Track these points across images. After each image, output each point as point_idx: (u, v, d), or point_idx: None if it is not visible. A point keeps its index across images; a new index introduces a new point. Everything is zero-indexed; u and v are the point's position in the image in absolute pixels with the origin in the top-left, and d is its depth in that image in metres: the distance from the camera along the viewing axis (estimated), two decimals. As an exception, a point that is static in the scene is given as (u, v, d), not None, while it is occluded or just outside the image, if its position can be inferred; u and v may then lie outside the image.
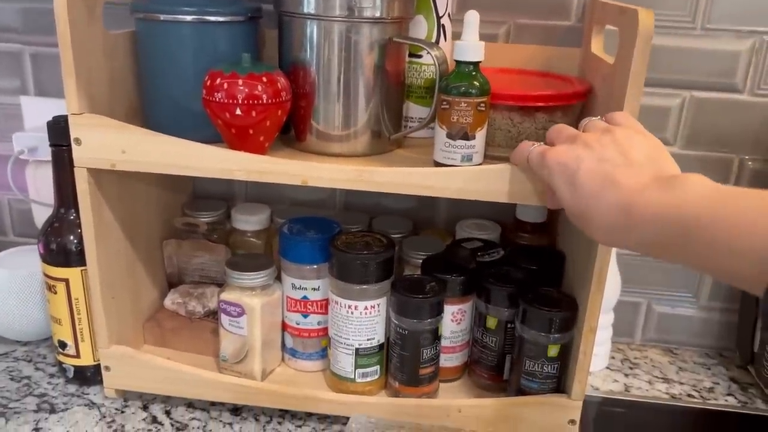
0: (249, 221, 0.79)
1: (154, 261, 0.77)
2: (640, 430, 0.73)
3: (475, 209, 0.83)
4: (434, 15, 0.68)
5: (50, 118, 0.68)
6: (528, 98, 0.61)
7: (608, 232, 0.45)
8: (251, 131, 0.60)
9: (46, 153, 0.81)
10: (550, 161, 0.49)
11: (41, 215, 0.86)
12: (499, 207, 0.80)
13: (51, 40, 0.83)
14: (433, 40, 0.68)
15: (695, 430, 0.74)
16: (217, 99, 0.58)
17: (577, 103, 0.64)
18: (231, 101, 0.58)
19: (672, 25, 0.73)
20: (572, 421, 0.64)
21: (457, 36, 0.71)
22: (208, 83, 0.59)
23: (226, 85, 0.58)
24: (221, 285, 0.79)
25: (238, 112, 0.58)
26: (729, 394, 0.77)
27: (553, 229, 0.78)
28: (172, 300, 0.77)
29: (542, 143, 0.53)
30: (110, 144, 0.59)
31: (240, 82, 0.58)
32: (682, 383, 0.79)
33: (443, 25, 0.69)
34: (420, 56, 0.69)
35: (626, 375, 0.80)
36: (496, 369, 0.69)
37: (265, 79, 0.58)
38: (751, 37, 0.73)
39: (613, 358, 0.83)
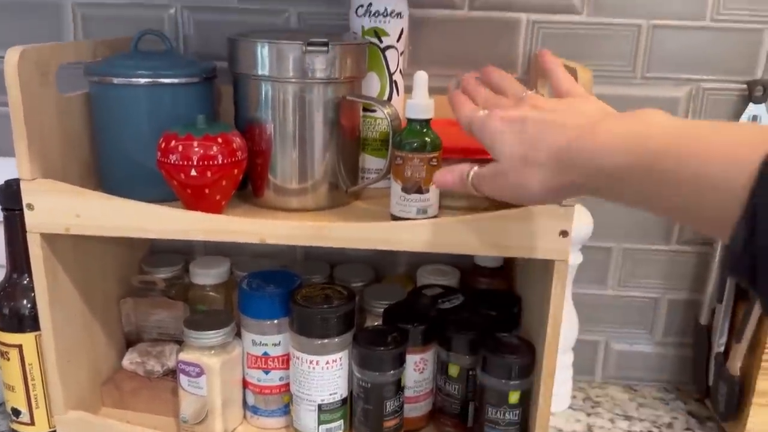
0: (208, 275, 0.79)
1: (111, 320, 0.75)
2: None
3: (435, 255, 0.82)
4: (386, 72, 0.70)
5: (1, 182, 0.67)
6: (478, 152, 0.63)
7: (553, 174, 0.42)
8: (207, 191, 0.60)
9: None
10: (493, 120, 0.47)
11: (-7, 277, 0.84)
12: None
13: (2, 98, 0.82)
14: (386, 96, 0.70)
15: (657, 467, 0.76)
16: (172, 161, 0.58)
17: (527, 153, 0.66)
18: (186, 163, 0.58)
19: (614, 75, 0.77)
20: (536, 468, 0.64)
21: (409, 90, 0.73)
22: (163, 145, 0.59)
23: (180, 147, 0.58)
24: (180, 342, 0.78)
25: (194, 173, 0.58)
26: (687, 429, 0.79)
27: (511, 274, 0.80)
28: (130, 360, 0.76)
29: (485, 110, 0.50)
30: (63, 209, 0.59)
31: (195, 143, 0.58)
32: (642, 420, 0.81)
33: (395, 81, 0.71)
34: (374, 110, 0.71)
35: (588, 414, 0.82)
36: (460, 417, 0.70)
37: (220, 140, 0.59)
38: (687, 84, 0.77)
39: (574, 397, 0.85)
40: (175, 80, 0.64)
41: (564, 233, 0.57)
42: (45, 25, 0.79)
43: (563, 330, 0.75)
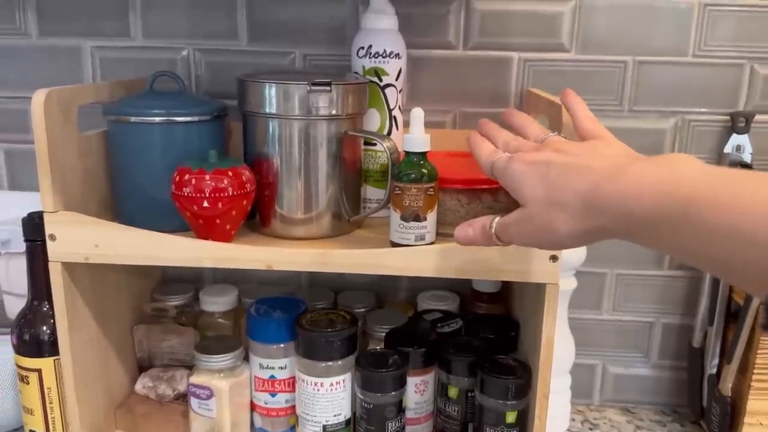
0: (217, 303, 0.82)
1: (125, 346, 0.79)
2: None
3: (434, 281, 0.87)
4: (386, 108, 0.75)
5: (24, 214, 0.71)
6: (474, 182, 0.67)
7: (580, 218, 0.41)
8: (218, 221, 0.64)
9: (19, 245, 0.84)
10: (517, 164, 0.46)
11: (14, 306, 0.88)
12: (457, 278, 0.85)
13: (24, 137, 0.87)
14: (386, 131, 0.75)
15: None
16: (185, 193, 0.62)
17: (519, 183, 0.70)
18: (198, 195, 0.62)
19: (602, 108, 0.81)
20: (534, 486, 0.66)
21: (407, 125, 0.78)
22: (177, 179, 0.63)
23: (193, 180, 0.62)
24: (190, 367, 0.81)
25: (205, 204, 0.62)
26: (684, 450, 0.81)
27: (508, 298, 0.83)
28: (142, 384, 0.79)
29: (506, 153, 0.50)
30: (83, 239, 0.63)
31: (207, 177, 0.62)
32: (640, 442, 0.83)
33: (395, 117, 0.76)
34: (375, 144, 0.75)
35: (587, 437, 0.84)
36: (460, 437, 0.72)
37: (230, 173, 0.63)
38: (673, 116, 0.81)
39: (573, 420, 0.87)
40: (188, 118, 0.68)
41: (554, 258, 0.60)
42: (65, 67, 0.85)
43: (560, 353, 0.78)
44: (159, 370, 0.80)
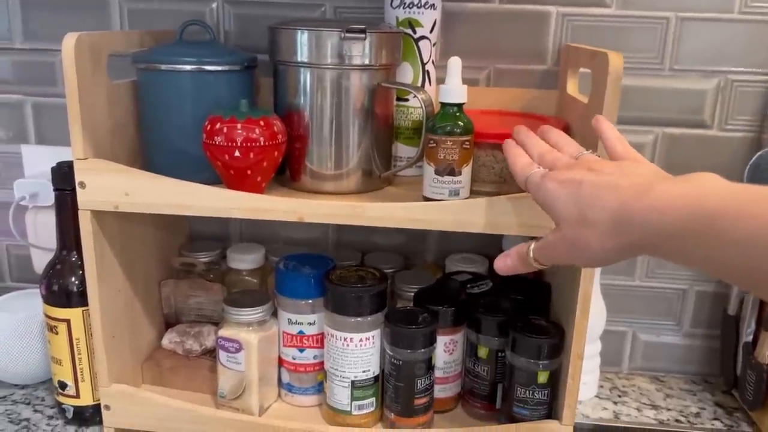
0: (244, 260, 0.82)
1: (152, 301, 0.79)
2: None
3: (463, 244, 0.86)
4: (419, 62, 0.73)
5: (53, 164, 0.71)
6: (504, 136, 0.65)
7: (611, 235, 0.42)
8: (249, 172, 0.63)
9: (46, 199, 0.84)
10: (550, 182, 0.47)
11: (40, 260, 0.88)
12: (486, 241, 0.83)
13: (52, 90, 0.86)
14: (419, 85, 0.73)
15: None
16: (217, 142, 0.61)
17: (556, 139, 0.68)
18: (230, 144, 0.61)
19: (642, 67, 0.78)
20: (565, 447, 0.66)
21: (441, 81, 0.76)
22: (208, 128, 0.62)
23: (225, 129, 0.61)
24: (217, 324, 0.81)
25: (237, 154, 0.61)
26: (715, 419, 0.79)
27: (539, 262, 0.81)
28: (169, 339, 0.79)
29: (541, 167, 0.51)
30: (113, 187, 0.62)
31: (238, 126, 0.61)
32: (669, 409, 0.81)
33: (428, 71, 0.74)
34: (407, 100, 0.73)
35: (615, 403, 0.82)
36: (489, 398, 0.71)
37: (262, 123, 0.62)
38: (715, 76, 0.78)
39: (601, 386, 0.85)
40: (219, 67, 0.67)
41: (593, 213, 0.58)
42: (92, 20, 0.83)
43: (591, 319, 0.77)
44: (186, 325, 0.80)
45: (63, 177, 0.68)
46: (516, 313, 0.70)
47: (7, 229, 0.85)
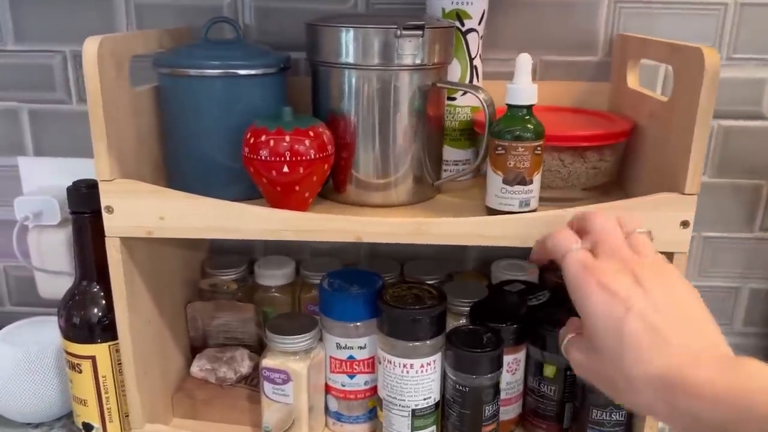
0: (275, 276, 0.75)
1: (178, 326, 0.72)
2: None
3: (505, 249, 0.80)
4: (467, 57, 0.67)
5: (54, 182, 0.63)
6: (579, 138, 0.60)
7: (644, 393, 0.40)
8: (297, 188, 0.56)
9: (51, 217, 0.76)
10: (591, 278, 0.43)
11: (45, 283, 0.80)
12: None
13: (50, 96, 0.78)
14: (467, 82, 0.67)
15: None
16: (262, 157, 0.54)
17: (624, 140, 0.63)
18: (277, 159, 0.54)
19: (696, 56, 0.73)
20: (644, 469, 0.61)
21: (488, 76, 0.70)
22: (252, 141, 0.55)
23: (272, 143, 0.54)
24: (248, 346, 0.75)
25: (285, 169, 0.55)
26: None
27: (591, 266, 0.76)
28: (199, 367, 0.72)
29: (580, 244, 0.46)
30: (146, 211, 0.55)
31: (286, 138, 0.54)
32: (729, 414, 0.78)
33: (475, 66, 0.68)
34: (454, 98, 0.67)
35: (672, 410, 0.79)
36: (556, 419, 0.66)
37: (311, 133, 0.55)
38: (774, 64, 0.74)
39: (655, 392, 0.82)
40: (252, 71, 0.60)
41: (685, 224, 0.53)
42: (95, 16, 0.75)
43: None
44: (215, 350, 0.74)
45: (81, 199, 0.61)
46: (581, 326, 0.65)
47: (9, 251, 0.77)
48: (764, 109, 0.75)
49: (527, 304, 0.68)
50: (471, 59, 0.67)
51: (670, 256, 0.54)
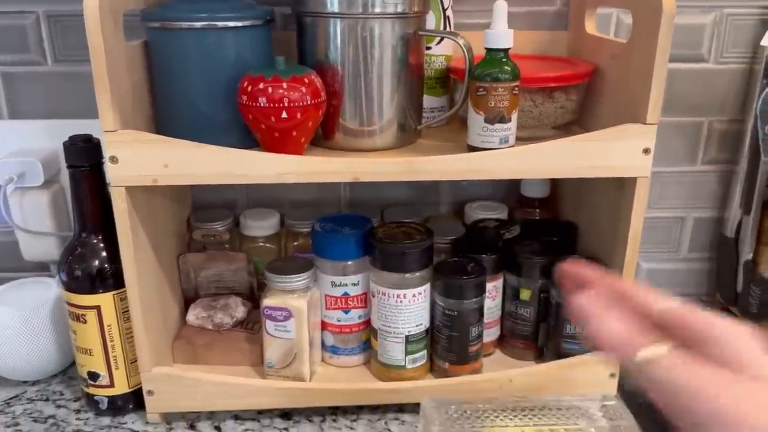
0: (262, 227, 0.79)
1: (173, 277, 0.74)
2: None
3: (477, 192, 0.86)
4: (440, 7, 0.71)
5: (33, 145, 0.64)
6: (550, 79, 0.65)
7: None
8: (294, 133, 0.60)
9: (33, 179, 0.77)
10: (699, 402, 0.34)
11: (30, 245, 0.81)
12: (500, 187, 0.85)
13: (23, 58, 0.77)
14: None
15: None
16: (261, 104, 0.57)
17: (588, 80, 0.69)
18: (276, 105, 0.57)
19: (644, 5, 0.80)
20: (613, 375, 0.69)
21: (459, 27, 0.74)
22: (249, 89, 0.58)
23: (270, 90, 0.57)
24: (240, 294, 0.78)
25: (284, 115, 0.58)
26: (721, 333, 0.86)
27: (556, 203, 0.83)
28: (195, 315, 0.75)
29: (656, 339, 0.37)
30: (150, 159, 0.57)
31: (284, 85, 0.57)
32: (678, 329, 0.87)
33: (448, 17, 0.72)
34: (429, 48, 0.71)
35: (629, 329, 0.87)
36: (531, 337, 0.73)
37: (306, 81, 0.59)
38: (712, 11, 0.81)
39: (613, 315, 0.90)
40: (240, 23, 0.62)
41: (647, 150, 0.60)
42: (66, -25, 0.75)
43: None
44: (209, 299, 0.77)
45: (79, 153, 0.62)
46: (552, 254, 0.71)
47: (-7, 214, 0.77)
48: (704, 52, 0.83)
49: (502, 237, 0.74)
50: (444, 10, 0.71)
51: (633, 181, 0.61)
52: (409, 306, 0.67)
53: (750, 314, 0.84)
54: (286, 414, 0.70)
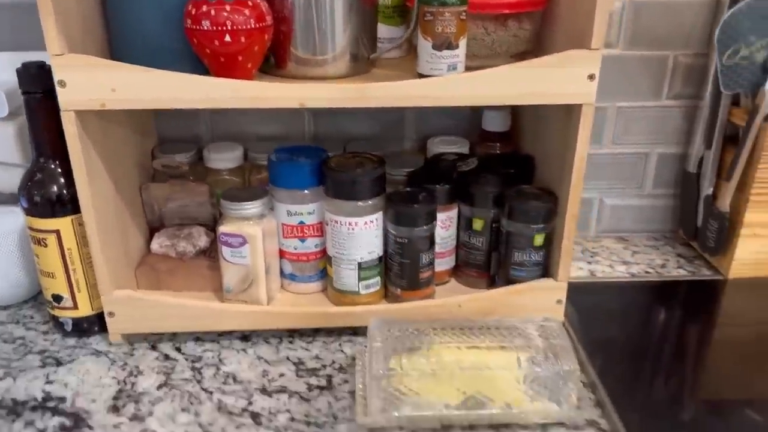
0: (225, 159, 0.80)
1: (136, 207, 0.76)
2: (609, 305, 0.81)
3: (440, 127, 0.87)
4: (394, -66, 0.70)
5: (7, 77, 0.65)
6: (500, 6, 0.65)
7: None
8: (240, 58, 0.60)
9: (-2, 110, 0.77)
10: None
11: (-1, 176, 0.82)
12: (462, 122, 0.85)
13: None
14: (397, -41, 0.70)
15: (656, 299, 0.84)
16: (204, 27, 0.58)
17: (542, 8, 0.68)
18: (219, 28, 0.58)
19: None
20: (559, 301, 0.71)
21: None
22: (194, 12, 0.58)
23: (213, 12, 0.57)
24: (203, 225, 0.80)
25: (228, 39, 0.58)
26: (679, 267, 0.88)
27: (516, 137, 0.84)
28: (159, 243, 0.77)
29: None
30: (98, 84, 0.58)
31: (227, 7, 0.58)
32: (638, 264, 0.89)
33: (401, -56, 0.71)
34: (385, -24, 0.71)
35: (589, 263, 0.89)
36: (484, 266, 0.75)
37: (251, 3, 0.59)
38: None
39: (574, 249, 0.91)
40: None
41: (591, 77, 0.60)
42: None
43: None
44: (173, 229, 0.79)
45: (32, 78, 0.63)
46: (506, 185, 0.73)
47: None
48: (670, -16, 0.82)
49: (458, 169, 0.75)
50: (397, -63, 0.71)
51: (579, 108, 0.61)
52: (361, 234, 0.69)
53: (708, 249, 0.86)
54: (245, 337, 0.73)
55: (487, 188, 0.72)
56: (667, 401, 0.64)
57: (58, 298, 0.70)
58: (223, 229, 0.68)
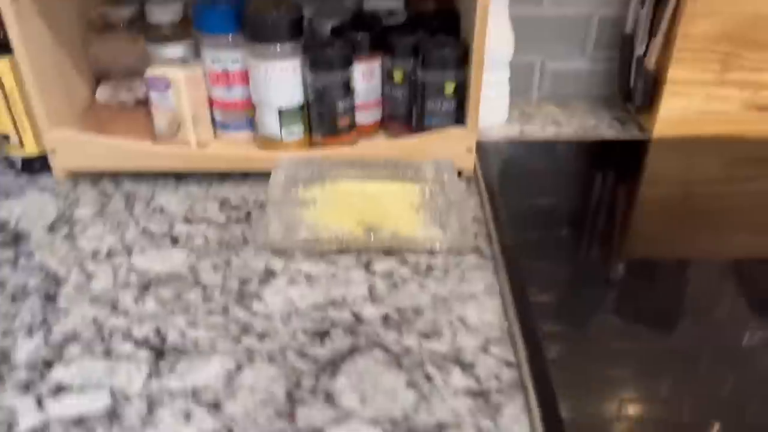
0: (164, 13, 0.82)
1: (79, 58, 0.80)
2: (530, 162, 0.84)
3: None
4: None
5: None
6: None
7: None
8: None
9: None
10: None
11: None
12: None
13: None
14: None
15: (578, 158, 0.86)
16: None
17: None
18: None
19: None
20: (469, 149, 0.75)
21: None
22: None
23: None
24: (147, 79, 0.84)
25: None
26: (610, 129, 0.90)
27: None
28: (102, 93, 0.82)
29: None
30: None
31: None
32: (571, 126, 0.91)
33: None
34: None
35: (524, 124, 0.92)
36: (406, 119, 0.79)
37: None
38: None
39: (511, 114, 0.94)
40: None
41: None
42: None
43: (498, 45, 0.82)
44: (117, 80, 0.83)
45: None
46: (427, 37, 0.74)
47: None
48: None
49: (383, 23, 0.77)
50: None
51: None
52: (279, 78, 0.72)
53: (637, 109, 0.87)
54: (179, 177, 0.79)
55: (404, 39, 0.74)
56: (560, 245, 0.67)
57: (6, 138, 0.77)
58: (149, 72, 0.73)
